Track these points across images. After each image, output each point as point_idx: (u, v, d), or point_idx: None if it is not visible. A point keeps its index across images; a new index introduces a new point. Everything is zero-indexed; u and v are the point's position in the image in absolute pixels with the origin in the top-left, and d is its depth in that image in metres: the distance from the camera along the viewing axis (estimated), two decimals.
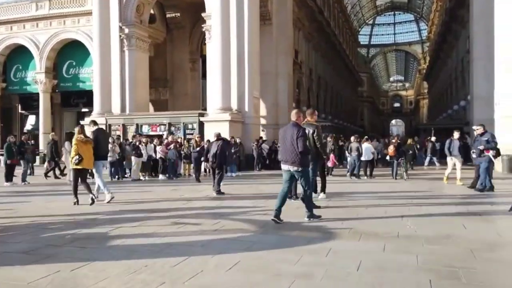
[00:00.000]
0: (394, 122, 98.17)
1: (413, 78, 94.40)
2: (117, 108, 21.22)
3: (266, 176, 13.90)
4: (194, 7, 22.12)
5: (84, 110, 26.44)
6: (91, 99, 21.61)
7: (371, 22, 79.77)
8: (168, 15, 26.93)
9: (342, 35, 52.54)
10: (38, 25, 24.93)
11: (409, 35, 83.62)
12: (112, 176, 12.91)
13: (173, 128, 18.96)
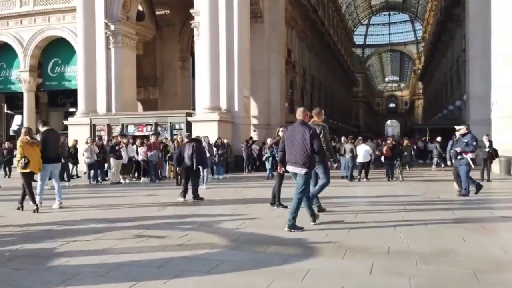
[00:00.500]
0: (389, 122, 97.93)
1: (408, 78, 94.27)
2: (102, 107, 20.48)
3: (255, 178, 13.27)
4: (184, 4, 21.44)
5: (71, 110, 25.63)
6: None
7: (366, 22, 79.45)
8: (157, 12, 26.23)
9: (337, 35, 52.04)
10: (22, 22, 24.13)
11: (404, 36, 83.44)
12: (90, 179, 12.20)
13: (160, 128, 18.28)
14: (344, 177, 12.32)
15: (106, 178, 12.63)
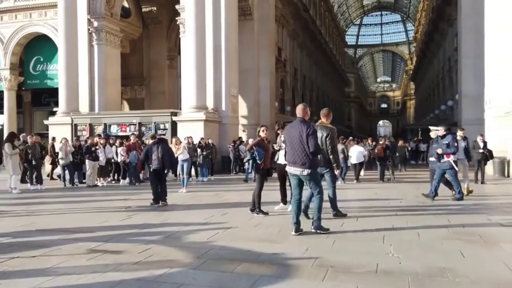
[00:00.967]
0: (381, 123, 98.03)
1: (400, 79, 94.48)
2: (85, 106, 19.75)
3: (241, 180, 12.66)
4: (171, 1, 20.77)
5: (56, 109, 24.67)
6: None
7: (358, 22, 79.40)
8: (144, 9, 25.54)
9: (329, 35, 51.67)
10: (2, 18, 23.24)
11: (396, 36, 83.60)
12: (65, 181, 11.49)
13: (144, 128, 17.59)
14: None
15: (84, 181, 11.93)
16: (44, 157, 11.43)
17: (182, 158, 9.67)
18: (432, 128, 8.62)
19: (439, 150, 7.85)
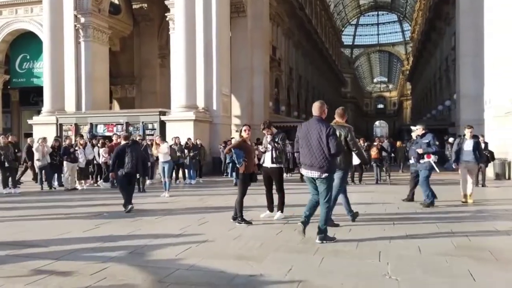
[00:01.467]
0: (377, 123, 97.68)
1: (396, 79, 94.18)
2: (71, 106, 19.07)
3: (230, 183, 12.02)
4: None
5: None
6: None
7: (355, 22, 78.89)
8: (134, 6, 24.85)
9: (325, 34, 51.10)
10: None
11: (392, 36, 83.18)
12: (42, 184, 10.81)
13: (131, 128, 16.93)
14: None
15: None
16: (18, 159, 10.72)
17: (163, 159, 9.01)
18: (413, 128, 8.09)
19: (420, 150, 7.34)
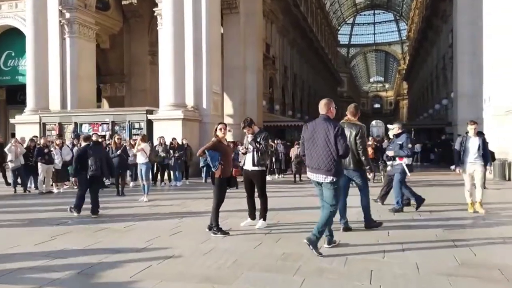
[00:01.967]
0: (374, 123, 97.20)
1: (393, 78, 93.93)
2: (56, 104, 18.35)
3: None
4: None
5: None
6: None
7: (351, 21, 78.47)
8: (124, 2, 24.10)
9: (321, 33, 50.56)
10: None
11: (388, 35, 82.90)
12: (15, 187, 10.13)
13: (117, 127, 16.29)
14: None
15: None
16: (5, 159, 10.03)
17: (141, 161, 8.37)
18: (390, 126, 7.56)
19: (390, 152, 6.89)
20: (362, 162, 5.18)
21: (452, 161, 7.29)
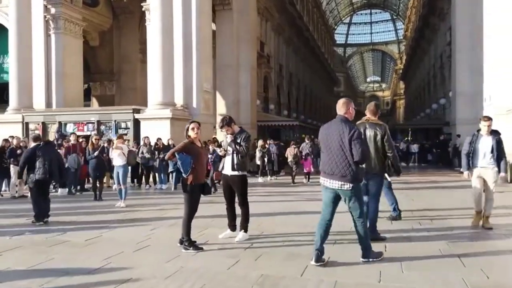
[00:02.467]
0: None
1: (389, 78, 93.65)
2: (41, 103, 17.65)
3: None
4: None
5: None
6: None
7: (348, 20, 78.04)
8: None
9: (317, 31, 49.98)
10: None
11: (385, 35, 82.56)
12: None
13: (103, 127, 15.62)
14: None
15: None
16: None
17: (117, 163, 7.71)
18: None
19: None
20: (386, 166, 4.77)
21: (450, 162, 6.67)
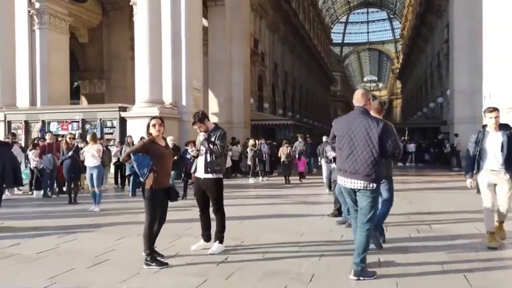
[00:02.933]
0: None
1: (386, 78, 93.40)
2: (25, 101, 17.03)
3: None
4: None
5: None
6: None
7: (344, 19, 77.64)
8: None
9: (313, 30, 49.47)
10: None
11: (382, 34, 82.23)
12: None
13: (88, 125, 15.01)
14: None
15: None
16: None
17: (91, 164, 7.10)
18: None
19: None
20: (391, 169, 4.53)
21: (448, 162, 6.14)
